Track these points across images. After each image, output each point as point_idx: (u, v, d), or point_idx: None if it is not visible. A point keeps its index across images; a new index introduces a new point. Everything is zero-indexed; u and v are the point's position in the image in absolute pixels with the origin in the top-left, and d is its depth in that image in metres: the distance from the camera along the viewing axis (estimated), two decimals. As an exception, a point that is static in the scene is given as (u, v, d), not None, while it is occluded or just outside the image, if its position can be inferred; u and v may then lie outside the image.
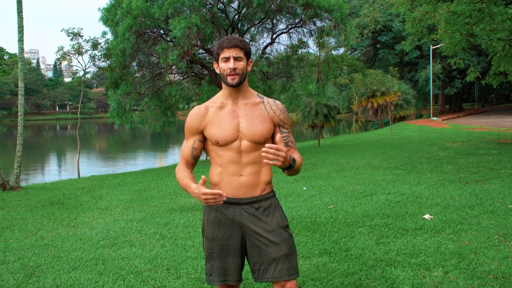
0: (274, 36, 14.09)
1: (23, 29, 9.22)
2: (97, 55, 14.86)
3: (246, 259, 2.20)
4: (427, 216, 4.85)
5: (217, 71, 2.12)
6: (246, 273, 3.15)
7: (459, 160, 9.28)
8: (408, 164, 8.98)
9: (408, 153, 10.91)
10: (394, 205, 5.44)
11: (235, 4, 13.63)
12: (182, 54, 11.28)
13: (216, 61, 2.10)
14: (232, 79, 2.05)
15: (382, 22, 33.50)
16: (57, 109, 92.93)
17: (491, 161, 8.86)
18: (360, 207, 5.45)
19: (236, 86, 2.07)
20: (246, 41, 2.23)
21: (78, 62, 17.77)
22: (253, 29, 14.10)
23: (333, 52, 23.95)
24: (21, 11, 9.20)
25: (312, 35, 14.20)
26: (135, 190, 7.95)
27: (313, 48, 24.58)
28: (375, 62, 39.67)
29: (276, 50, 15.02)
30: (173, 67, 12.85)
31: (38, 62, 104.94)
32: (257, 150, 2.10)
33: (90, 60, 15.18)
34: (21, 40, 9.17)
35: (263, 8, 12.46)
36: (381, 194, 6.17)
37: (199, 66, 14.00)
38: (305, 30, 14.22)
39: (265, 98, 2.20)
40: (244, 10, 13.32)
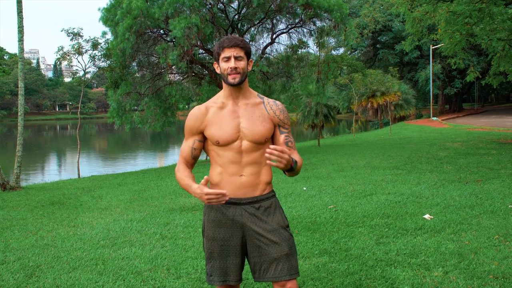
0: (274, 36, 14.09)
1: (23, 29, 9.23)
2: (97, 55, 14.87)
3: (246, 259, 2.20)
4: (427, 216, 4.85)
5: (218, 71, 2.12)
6: (246, 273, 3.15)
7: (459, 160, 9.29)
8: (408, 164, 8.99)
9: (408, 153, 10.91)
10: (394, 205, 5.44)
11: (235, 4, 13.63)
12: (182, 54, 11.28)
13: (217, 61, 2.10)
14: (233, 79, 2.05)
15: (382, 22, 33.50)
16: (57, 109, 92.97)
17: (491, 161, 8.87)
18: (360, 207, 5.45)
19: (237, 85, 2.07)
20: (246, 41, 2.23)
21: (78, 62, 17.77)
22: (253, 29, 14.11)
23: (333, 52, 23.89)
24: (21, 11, 9.21)
25: (312, 35, 14.20)
26: (135, 190, 7.95)
27: (313, 48, 24.61)
28: (375, 62, 39.68)
29: (276, 50, 15.04)
30: (173, 67, 12.84)
31: (38, 62, 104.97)
32: (257, 150, 2.10)
33: (90, 60, 15.18)
34: (21, 40, 9.17)
35: (263, 8, 12.46)
36: (381, 194, 6.17)
37: (199, 66, 14.01)
38: (305, 30, 14.22)
39: (265, 98, 2.21)
40: (244, 10, 13.32)
